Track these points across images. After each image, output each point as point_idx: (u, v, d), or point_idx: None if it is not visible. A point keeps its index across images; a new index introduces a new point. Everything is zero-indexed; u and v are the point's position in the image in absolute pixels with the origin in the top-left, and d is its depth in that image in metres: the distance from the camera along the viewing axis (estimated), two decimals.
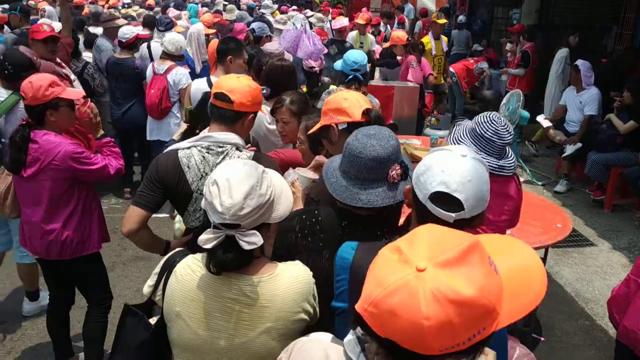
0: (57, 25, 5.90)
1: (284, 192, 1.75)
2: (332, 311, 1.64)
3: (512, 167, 2.65)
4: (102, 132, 3.14)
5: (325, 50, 5.47)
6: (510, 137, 2.63)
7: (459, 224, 1.41)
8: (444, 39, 8.79)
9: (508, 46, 9.75)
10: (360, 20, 8.54)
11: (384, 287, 0.96)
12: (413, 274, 0.95)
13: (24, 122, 2.88)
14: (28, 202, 2.97)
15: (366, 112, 2.27)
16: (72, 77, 5.13)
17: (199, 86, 4.22)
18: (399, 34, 7.07)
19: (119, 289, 4.22)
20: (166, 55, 5.47)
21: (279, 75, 3.60)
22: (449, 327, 0.92)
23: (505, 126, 2.61)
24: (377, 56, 7.91)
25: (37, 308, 3.99)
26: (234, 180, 1.57)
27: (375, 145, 1.75)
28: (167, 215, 3.25)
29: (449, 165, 1.46)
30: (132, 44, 5.92)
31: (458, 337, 0.93)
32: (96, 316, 3.25)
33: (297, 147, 2.74)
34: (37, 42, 4.68)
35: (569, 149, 6.61)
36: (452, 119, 7.80)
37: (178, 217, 3.01)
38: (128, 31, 5.90)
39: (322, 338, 1.27)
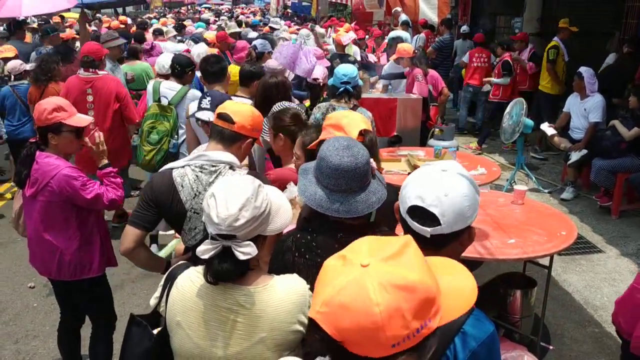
0: None
1: (282, 207, 1.81)
2: None
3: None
4: (105, 161, 3.17)
5: (327, 64, 5.53)
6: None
7: (438, 241, 1.44)
8: None
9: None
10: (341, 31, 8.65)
11: (333, 287, 1.02)
12: (359, 271, 1.02)
13: (33, 141, 2.98)
14: (30, 221, 3.04)
15: (363, 133, 2.31)
16: None
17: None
18: (405, 47, 6.97)
19: (129, 307, 4.25)
20: (158, 75, 5.62)
21: (274, 91, 3.84)
22: (399, 314, 0.99)
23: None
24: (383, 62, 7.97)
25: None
26: (230, 193, 1.64)
27: (351, 157, 1.78)
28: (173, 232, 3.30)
29: (427, 179, 1.48)
30: None
31: (409, 326, 0.99)
32: (100, 336, 3.31)
33: (294, 162, 2.78)
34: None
35: (574, 156, 6.60)
36: (458, 130, 7.82)
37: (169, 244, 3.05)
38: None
39: None
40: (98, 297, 3.25)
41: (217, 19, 21.57)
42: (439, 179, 1.48)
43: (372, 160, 1.86)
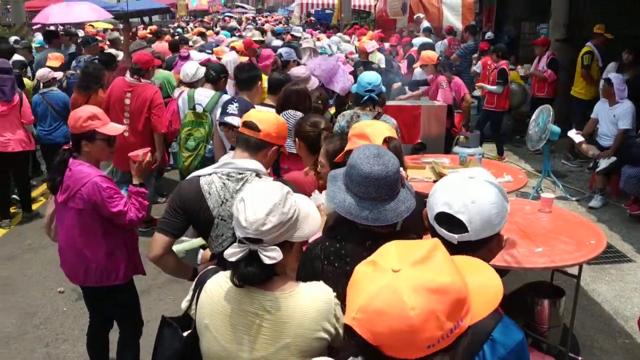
0: None
1: (311, 214, 1.82)
2: None
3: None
4: (141, 180, 3.21)
5: (351, 69, 5.58)
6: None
7: (465, 248, 1.44)
8: None
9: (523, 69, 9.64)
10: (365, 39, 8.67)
11: (367, 293, 1.05)
12: (390, 277, 1.05)
13: (66, 148, 3.05)
14: (61, 227, 3.11)
15: (387, 140, 2.32)
16: None
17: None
18: (430, 54, 6.90)
19: (155, 312, 4.30)
20: (182, 83, 5.84)
21: (295, 98, 3.88)
22: (434, 316, 1.01)
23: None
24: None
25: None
26: (259, 198, 1.68)
27: (381, 165, 1.79)
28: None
29: (454, 186, 1.49)
30: None
31: (443, 327, 1.02)
32: (127, 341, 3.36)
33: (319, 170, 2.80)
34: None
35: (603, 163, 6.49)
36: (481, 137, 7.75)
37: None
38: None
39: None
40: (124, 303, 3.30)
41: (239, 26, 21.82)
42: (466, 186, 1.48)
43: (401, 168, 1.86)
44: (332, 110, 4.83)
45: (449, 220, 1.47)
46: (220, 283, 1.77)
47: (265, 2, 60.85)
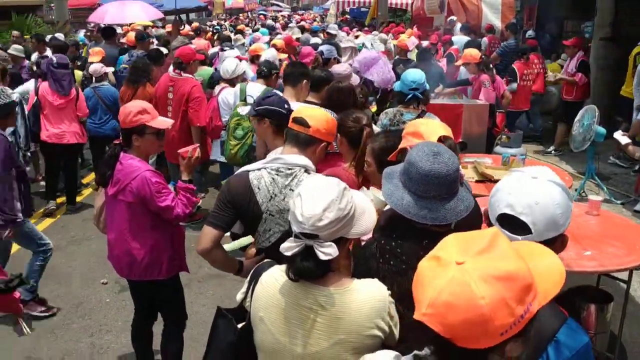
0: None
1: (366, 211, 1.83)
2: None
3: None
4: (190, 177, 3.24)
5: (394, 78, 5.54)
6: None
7: None
8: None
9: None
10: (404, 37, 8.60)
11: (434, 288, 1.05)
12: (456, 269, 1.05)
13: (117, 143, 3.12)
14: (109, 219, 3.18)
15: (442, 139, 2.29)
16: None
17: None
18: (472, 52, 6.76)
19: (196, 306, 4.38)
20: (221, 79, 5.94)
21: (340, 95, 3.87)
22: (504, 303, 1.02)
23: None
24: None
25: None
26: (316, 193, 1.68)
27: (441, 163, 1.77)
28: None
29: (517, 187, 1.47)
30: None
31: (514, 313, 1.02)
32: (171, 334, 3.41)
33: (365, 169, 2.79)
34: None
35: None
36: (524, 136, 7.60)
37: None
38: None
39: (385, 356, 1.33)
40: (168, 298, 3.35)
41: (274, 23, 21.93)
42: (529, 187, 1.45)
43: (461, 167, 1.84)
44: (374, 108, 4.80)
45: (511, 222, 1.44)
46: (275, 276, 1.79)
47: (300, 0, 60.97)
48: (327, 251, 1.64)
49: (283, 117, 2.79)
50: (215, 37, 10.11)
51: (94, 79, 6.79)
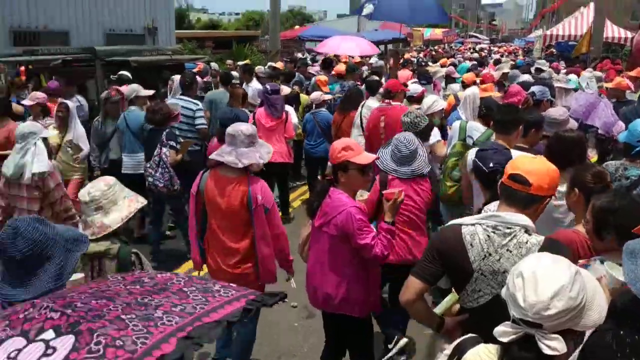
0: None
1: (597, 295, 1.57)
2: None
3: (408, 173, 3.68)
4: (393, 219, 3.20)
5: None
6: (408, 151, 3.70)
7: None
8: None
9: None
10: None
11: None
12: None
13: (328, 178, 3.27)
14: (312, 250, 3.29)
15: None
16: None
17: None
18: None
19: None
20: None
21: (561, 147, 3.45)
22: None
23: (405, 142, 3.71)
24: None
25: None
26: (543, 276, 1.49)
27: None
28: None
29: None
30: None
31: None
32: None
33: (583, 225, 2.50)
34: None
35: None
36: None
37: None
38: None
39: None
40: (357, 336, 3.34)
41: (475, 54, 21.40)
42: None
43: None
44: (593, 159, 4.33)
45: None
46: (481, 356, 1.63)
47: (500, 31, 59.14)
48: (553, 345, 1.44)
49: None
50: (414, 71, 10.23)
51: (313, 105, 7.55)
